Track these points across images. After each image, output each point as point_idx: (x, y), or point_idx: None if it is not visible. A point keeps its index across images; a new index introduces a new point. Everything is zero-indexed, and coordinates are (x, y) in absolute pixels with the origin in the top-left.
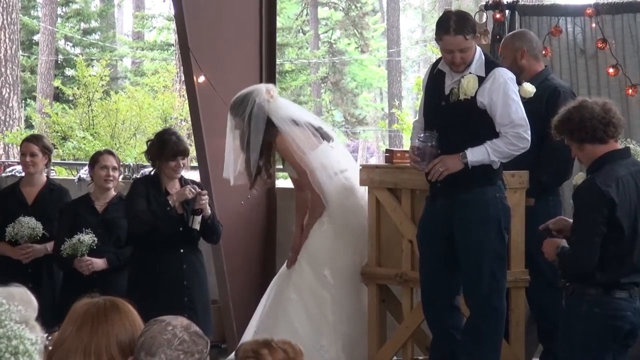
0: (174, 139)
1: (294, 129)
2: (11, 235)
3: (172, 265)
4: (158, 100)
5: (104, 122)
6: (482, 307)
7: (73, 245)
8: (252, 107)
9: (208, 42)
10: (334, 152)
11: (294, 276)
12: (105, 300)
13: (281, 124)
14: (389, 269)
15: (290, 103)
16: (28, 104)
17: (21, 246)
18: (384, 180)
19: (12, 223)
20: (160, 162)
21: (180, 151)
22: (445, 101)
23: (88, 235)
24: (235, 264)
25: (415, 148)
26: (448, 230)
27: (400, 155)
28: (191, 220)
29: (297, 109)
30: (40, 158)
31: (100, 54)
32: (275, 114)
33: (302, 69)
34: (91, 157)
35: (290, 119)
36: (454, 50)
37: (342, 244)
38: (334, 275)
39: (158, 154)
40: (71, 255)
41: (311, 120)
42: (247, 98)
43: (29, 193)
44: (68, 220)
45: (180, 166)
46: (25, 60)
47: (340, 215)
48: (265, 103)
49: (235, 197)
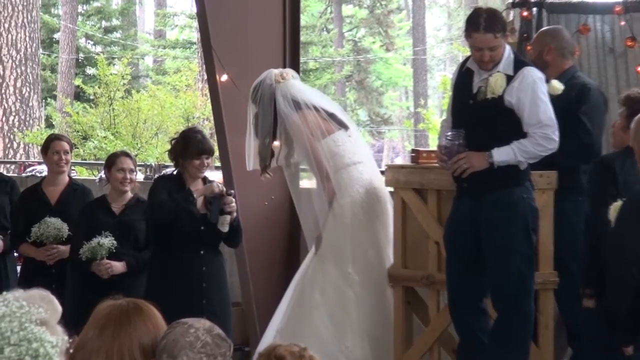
0: (199, 137)
1: (305, 112)
2: (37, 235)
3: (192, 267)
4: (180, 99)
5: (125, 121)
6: (510, 310)
7: (92, 248)
8: (262, 89)
9: (231, 40)
10: (349, 142)
11: (319, 275)
12: (128, 302)
13: (284, 106)
14: (415, 270)
15: (305, 86)
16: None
17: (46, 247)
18: (410, 180)
19: (38, 223)
20: (184, 161)
21: (205, 150)
22: (472, 100)
23: (107, 238)
24: (258, 266)
25: (442, 147)
26: (475, 232)
27: (426, 155)
28: (219, 222)
29: (312, 93)
30: (70, 156)
31: (121, 53)
32: (282, 94)
33: (326, 68)
34: (107, 158)
35: (301, 101)
36: (483, 48)
37: (359, 237)
38: (358, 271)
39: (182, 152)
40: (90, 258)
41: (325, 106)
42: (260, 81)
43: (52, 193)
44: (85, 222)
45: (204, 165)
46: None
47: (351, 207)
48: (274, 83)
49: (259, 197)
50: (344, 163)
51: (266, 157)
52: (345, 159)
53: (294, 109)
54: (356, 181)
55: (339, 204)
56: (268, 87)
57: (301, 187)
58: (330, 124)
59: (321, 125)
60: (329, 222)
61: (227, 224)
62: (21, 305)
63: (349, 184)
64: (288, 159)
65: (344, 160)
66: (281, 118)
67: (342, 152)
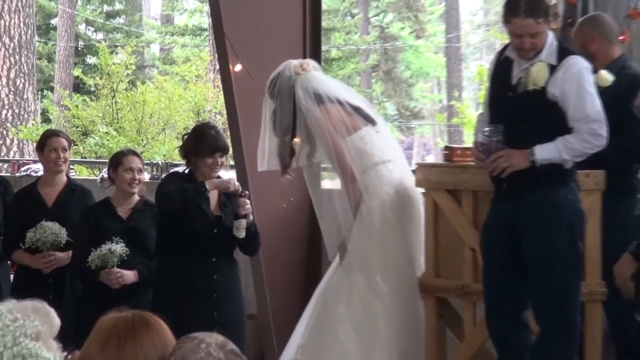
0: (213, 133)
1: (328, 106)
2: (32, 241)
3: (202, 275)
4: (190, 91)
5: (130, 115)
6: (553, 323)
7: (103, 256)
8: (280, 82)
9: (245, 26)
10: (377, 138)
11: (344, 286)
12: (133, 314)
13: (305, 100)
14: (448, 280)
15: (328, 78)
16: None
17: (42, 254)
18: (443, 180)
19: (33, 228)
20: (195, 159)
21: (218, 147)
22: (512, 92)
23: (119, 245)
24: (275, 275)
25: (479, 144)
26: (515, 237)
27: (460, 153)
28: (235, 227)
29: (334, 85)
30: (69, 153)
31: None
32: (302, 87)
33: (351, 57)
34: (112, 158)
35: (323, 94)
36: (523, 34)
37: (388, 243)
38: (386, 281)
39: (194, 149)
40: (100, 267)
41: (350, 99)
42: (278, 73)
43: (49, 194)
44: (89, 227)
45: (217, 164)
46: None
47: (380, 210)
48: (293, 75)
49: (276, 199)
50: (372, 162)
51: (286, 157)
52: (374, 158)
53: (316, 103)
54: (386, 181)
55: (366, 207)
56: (287, 79)
57: (322, 188)
58: (355, 119)
59: (345, 121)
60: (356, 227)
61: (243, 229)
62: (15, 318)
63: (378, 185)
64: (310, 158)
65: (372, 158)
66: (301, 113)
67: (370, 150)
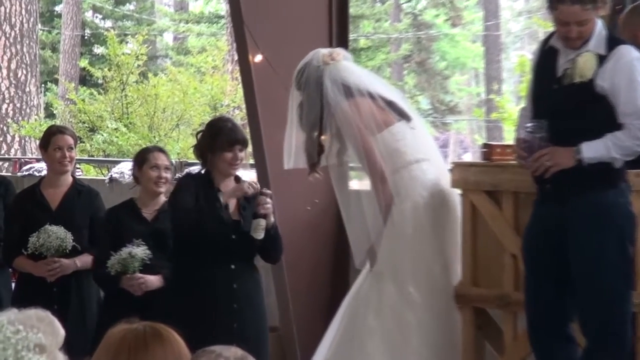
0: (230, 126)
1: (358, 100)
2: (35, 247)
3: (221, 283)
4: (206, 83)
5: (141, 110)
6: (602, 336)
7: (123, 260)
8: (308, 72)
9: (266, 13)
10: (411, 135)
11: (374, 296)
12: (145, 326)
13: (333, 92)
14: (487, 289)
15: (359, 69)
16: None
17: (46, 261)
18: (481, 181)
19: (36, 232)
20: (212, 156)
21: (237, 139)
22: (557, 84)
23: (140, 247)
24: (300, 283)
25: (521, 140)
26: (560, 242)
27: (500, 151)
28: (252, 227)
29: (366, 76)
30: (75, 152)
31: (135, 28)
32: (330, 78)
33: (381, 46)
34: (137, 155)
35: (353, 86)
36: (569, 22)
37: (422, 250)
38: (420, 291)
39: (210, 145)
40: (120, 272)
41: (383, 92)
42: (305, 63)
43: (53, 196)
44: (111, 230)
45: (237, 158)
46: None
47: (413, 214)
48: (322, 65)
49: (300, 201)
50: (404, 161)
51: (314, 154)
52: (407, 156)
53: (344, 95)
54: (419, 182)
55: (398, 210)
56: (315, 69)
57: (350, 189)
58: (388, 114)
59: (376, 116)
60: (387, 232)
61: (262, 230)
62: (17, 329)
63: (411, 186)
64: (340, 156)
65: (405, 157)
66: (329, 107)
67: (403, 148)
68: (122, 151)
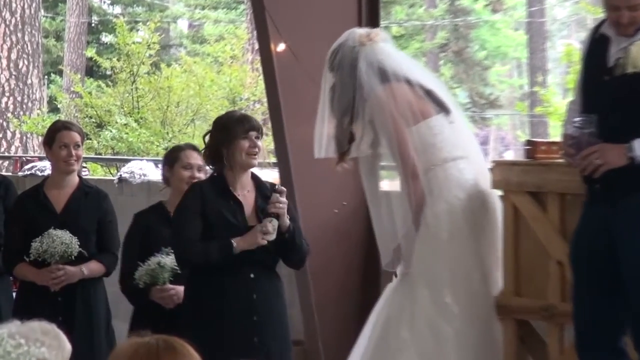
0: (239, 115)
1: (394, 86)
2: (38, 253)
3: (239, 294)
4: (224, 75)
5: (153, 104)
6: None
7: (152, 271)
8: (342, 53)
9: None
10: (450, 130)
11: (407, 306)
12: (157, 339)
13: (368, 75)
14: (530, 299)
15: (397, 53)
16: (52, 81)
17: (49, 268)
18: (524, 181)
19: (40, 237)
20: (228, 150)
21: (252, 126)
22: (608, 75)
23: (170, 257)
24: (326, 293)
25: (568, 136)
26: (610, 247)
27: (545, 148)
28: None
29: (405, 61)
30: (82, 150)
31: (147, 15)
32: (366, 60)
33: (415, 34)
34: (168, 154)
35: (390, 70)
36: (620, 7)
37: (460, 257)
38: (458, 301)
39: (223, 138)
40: (149, 284)
41: (422, 80)
42: (340, 43)
43: (57, 198)
44: (139, 237)
45: (255, 146)
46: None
47: (449, 217)
48: (357, 46)
49: (326, 203)
50: (440, 158)
51: (344, 142)
52: (443, 153)
53: (380, 80)
54: (455, 183)
55: (432, 213)
56: (350, 50)
57: (381, 186)
58: (426, 105)
59: (413, 105)
60: (421, 236)
61: (274, 230)
62: (18, 343)
63: (446, 186)
64: (375, 147)
65: (441, 154)
66: (363, 91)
67: (440, 144)
68: (132, 149)
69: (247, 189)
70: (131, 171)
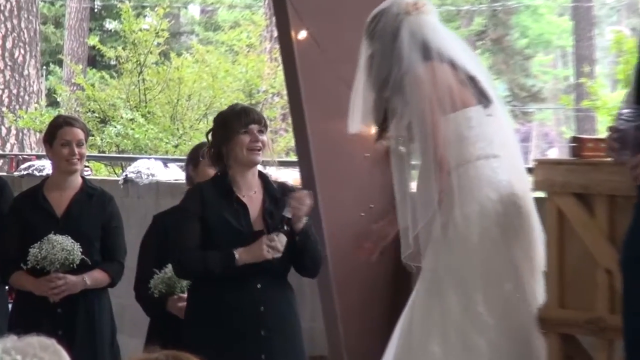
0: (239, 108)
1: (436, 65)
2: (36, 260)
3: (244, 307)
4: (239, 65)
5: (161, 97)
6: None
7: (168, 279)
8: (385, 19)
9: None
10: (487, 124)
11: (435, 315)
12: (167, 355)
13: (409, 48)
14: (576, 311)
15: (444, 29)
16: (51, 72)
17: (49, 277)
18: (570, 182)
19: (38, 243)
20: (227, 147)
21: (253, 119)
22: None
23: None
24: (352, 304)
25: (613, 129)
26: None
27: (592, 146)
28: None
29: (451, 40)
30: (85, 148)
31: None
32: (410, 31)
33: (449, 20)
34: (192, 151)
35: (434, 47)
36: None
37: (492, 263)
38: (493, 312)
39: (222, 135)
40: (165, 293)
41: (468, 64)
42: (382, 9)
43: (58, 200)
44: (157, 240)
45: (257, 140)
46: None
47: (480, 220)
48: (402, 14)
49: (352, 205)
50: (472, 154)
51: (382, 117)
52: (476, 149)
53: (422, 56)
54: (486, 182)
55: (462, 213)
56: (393, 17)
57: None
58: (467, 92)
59: (454, 91)
60: (449, 237)
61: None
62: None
63: (477, 186)
64: (410, 130)
65: (474, 150)
66: (401, 64)
67: (474, 139)
68: (138, 146)
69: (253, 190)
70: (138, 171)
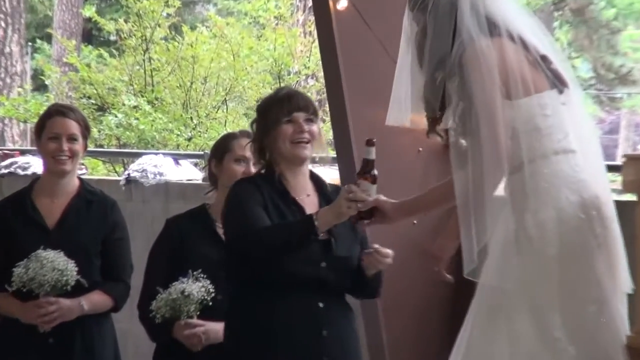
0: (283, 93)
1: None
2: (22, 281)
3: (305, 330)
4: (266, 41)
5: (171, 80)
6: None
7: (173, 302)
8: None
9: None
10: (563, 113)
11: (502, 341)
12: None
13: (472, 23)
14: None
15: (514, 4)
16: (38, 49)
17: (38, 302)
18: None
19: (25, 260)
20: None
21: (297, 105)
22: None
23: (198, 282)
24: (401, 330)
25: None
26: None
27: None
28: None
29: (523, 17)
30: (81, 145)
31: None
32: (472, 3)
33: None
34: (217, 143)
35: (502, 23)
36: None
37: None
38: (574, 338)
39: (264, 126)
40: (168, 319)
41: (540, 44)
42: None
43: (49, 208)
44: (169, 249)
45: (303, 130)
46: None
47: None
48: None
49: None
50: (546, 147)
51: (435, 105)
52: (552, 142)
53: (487, 31)
54: (565, 182)
55: (536, 221)
56: None
57: None
58: (539, 75)
59: (526, 74)
60: (521, 249)
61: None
62: None
63: (554, 187)
64: (464, 118)
65: (549, 143)
66: (461, 39)
67: (548, 130)
68: (144, 139)
69: (306, 192)
70: (143, 169)
